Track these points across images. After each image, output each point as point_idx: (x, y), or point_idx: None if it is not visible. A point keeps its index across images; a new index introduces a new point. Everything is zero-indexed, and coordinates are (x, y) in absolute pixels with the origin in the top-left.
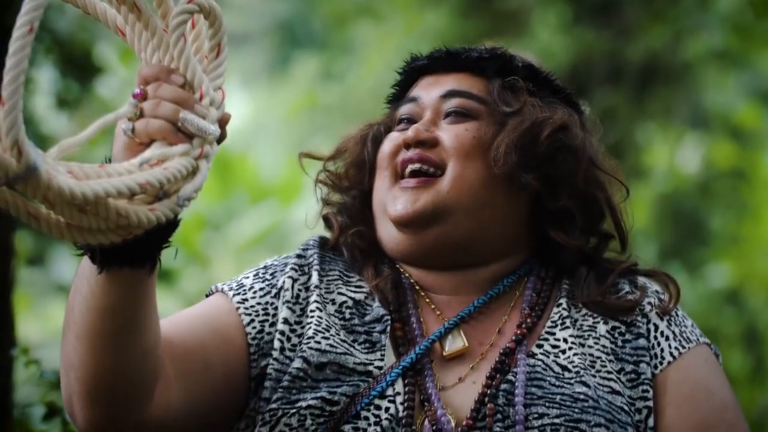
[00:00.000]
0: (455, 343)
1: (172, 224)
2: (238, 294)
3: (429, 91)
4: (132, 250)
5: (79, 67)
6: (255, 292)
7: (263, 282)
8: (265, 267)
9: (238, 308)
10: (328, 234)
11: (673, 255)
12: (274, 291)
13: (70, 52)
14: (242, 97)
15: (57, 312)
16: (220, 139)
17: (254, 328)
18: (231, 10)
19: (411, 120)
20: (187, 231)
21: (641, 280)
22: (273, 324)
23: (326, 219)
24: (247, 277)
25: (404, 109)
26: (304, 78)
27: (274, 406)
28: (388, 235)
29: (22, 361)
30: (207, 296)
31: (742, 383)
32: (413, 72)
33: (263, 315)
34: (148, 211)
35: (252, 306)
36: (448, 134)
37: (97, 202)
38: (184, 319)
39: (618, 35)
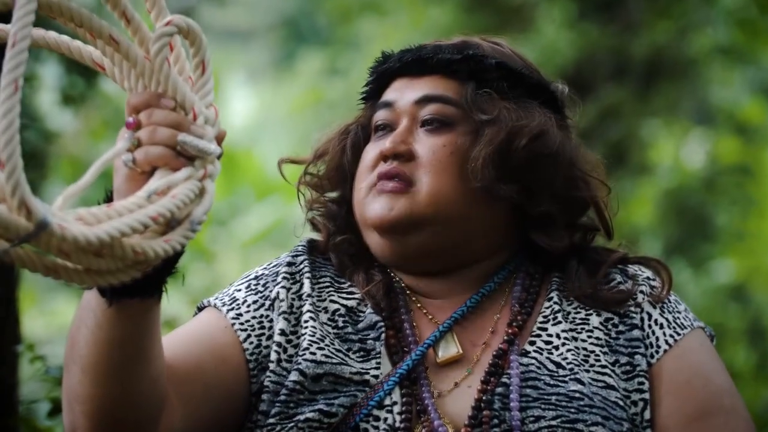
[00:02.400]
0: (449, 349)
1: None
2: (232, 309)
3: (403, 95)
4: (142, 281)
5: (83, 64)
6: (249, 306)
7: (256, 294)
8: (256, 277)
9: (233, 324)
10: (316, 236)
11: (678, 251)
12: (267, 303)
13: None
14: (247, 93)
15: (62, 308)
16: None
17: (251, 343)
18: (236, 7)
19: (387, 127)
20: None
21: (632, 268)
22: (270, 337)
23: (313, 223)
24: (239, 290)
25: (380, 116)
26: (309, 74)
27: (272, 420)
28: (373, 243)
29: (27, 357)
30: (199, 309)
31: (747, 378)
32: (385, 74)
33: (259, 329)
34: (162, 242)
35: (247, 320)
36: (425, 148)
37: (113, 244)
38: (181, 342)
39: (623, 31)
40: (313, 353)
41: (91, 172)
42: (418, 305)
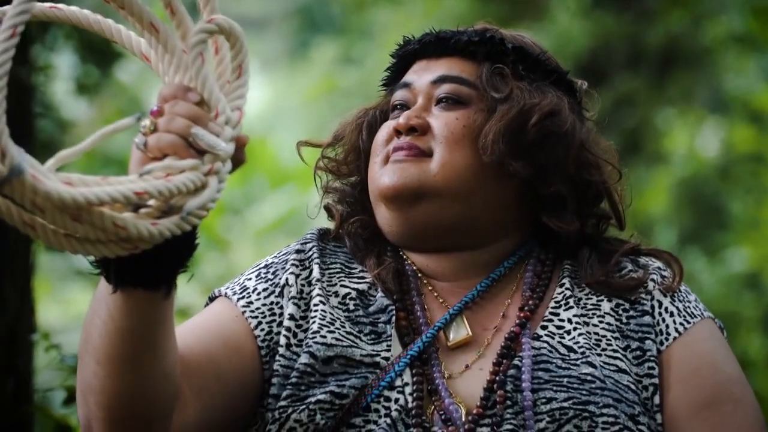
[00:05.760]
0: (459, 332)
1: (188, 247)
2: (243, 297)
3: (421, 76)
4: (146, 271)
5: (98, 53)
6: (259, 294)
7: (266, 282)
8: (266, 266)
9: (244, 312)
10: (328, 224)
11: (693, 239)
12: (277, 290)
13: (89, 37)
14: (262, 81)
15: (77, 297)
16: (238, 163)
17: (262, 330)
18: None
19: (404, 106)
20: (207, 216)
21: (643, 259)
22: (280, 323)
23: (327, 209)
24: (249, 279)
25: (398, 95)
26: (324, 62)
27: (283, 403)
28: (382, 218)
29: (42, 346)
30: (210, 300)
31: (761, 367)
32: (406, 56)
33: (270, 316)
34: (149, 224)
35: (258, 308)
36: (439, 122)
37: (91, 211)
38: (193, 333)
39: (637, 19)
40: (324, 336)
41: (89, 140)
42: (429, 288)
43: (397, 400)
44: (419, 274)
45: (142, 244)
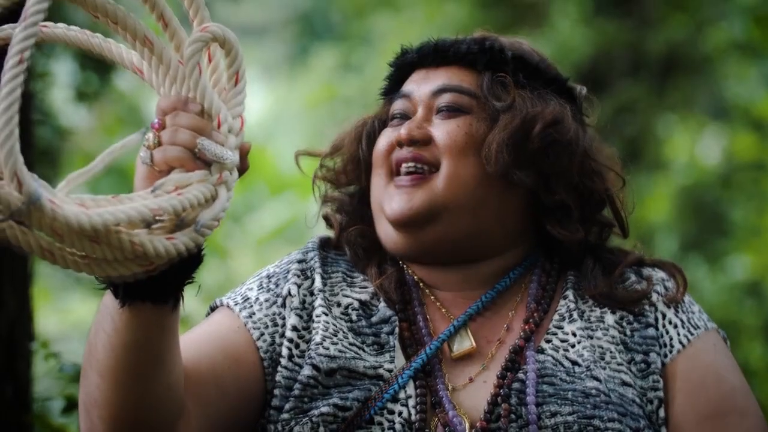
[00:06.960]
0: (463, 343)
1: (195, 260)
2: (245, 308)
3: (420, 86)
4: (154, 285)
5: (97, 60)
6: (261, 304)
7: (268, 292)
8: (267, 276)
9: (246, 323)
10: (329, 232)
11: (694, 247)
12: (279, 300)
13: None
14: (261, 89)
15: (76, 306)
16: (242, 170)
17: (265, 341)
18: (250, 2)
19: (404, 116)
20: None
21: (647, 270)
22: (282, 334)
23: (326, 218)
24: (251, 289)
25: (397, 105)
26: (323, 70)
27: (286, 416)
28: (386, 235)
29: (41, 354)
30: (211, 309)
31: (763, 375)
32: (404, 66)
33: (272, 327)
34: (165, 240)
35: (260, 319)
36: (441, 131)
37: (108, 232)
38: (194, 344)
39: (639, 27)
40: (327, 348)
41: (98, 160)
42: (432, 298)
43: (400, 413)
44: (421, 284)
45: (158, 261)
